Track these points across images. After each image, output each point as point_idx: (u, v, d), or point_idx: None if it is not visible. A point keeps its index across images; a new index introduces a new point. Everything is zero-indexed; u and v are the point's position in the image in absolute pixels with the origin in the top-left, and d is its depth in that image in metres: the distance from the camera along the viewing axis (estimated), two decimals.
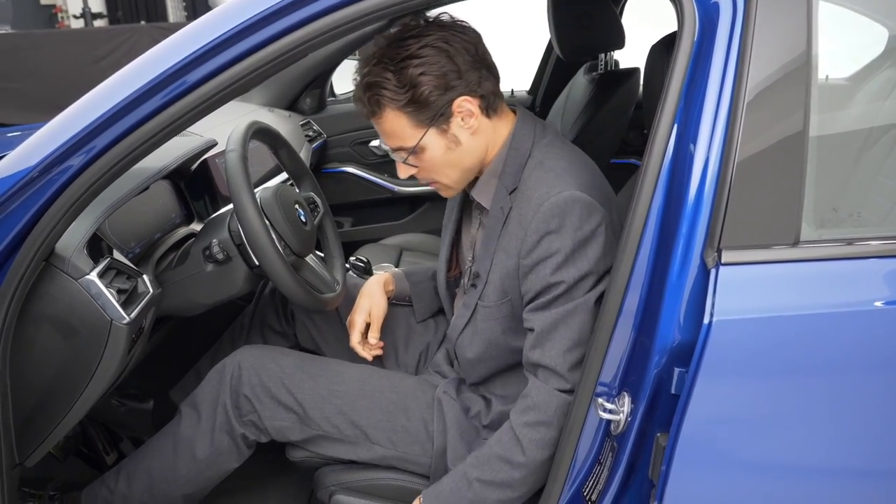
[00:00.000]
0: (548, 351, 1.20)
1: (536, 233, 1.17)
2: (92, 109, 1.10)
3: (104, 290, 1.19)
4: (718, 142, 0.98)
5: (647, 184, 1.03)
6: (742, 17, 0.98)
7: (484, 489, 1.22)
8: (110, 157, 1.10)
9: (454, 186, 1.30)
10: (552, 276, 1.18)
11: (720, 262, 0.95)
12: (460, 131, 1.21)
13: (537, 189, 1.19)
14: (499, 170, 1.27)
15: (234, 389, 1.36)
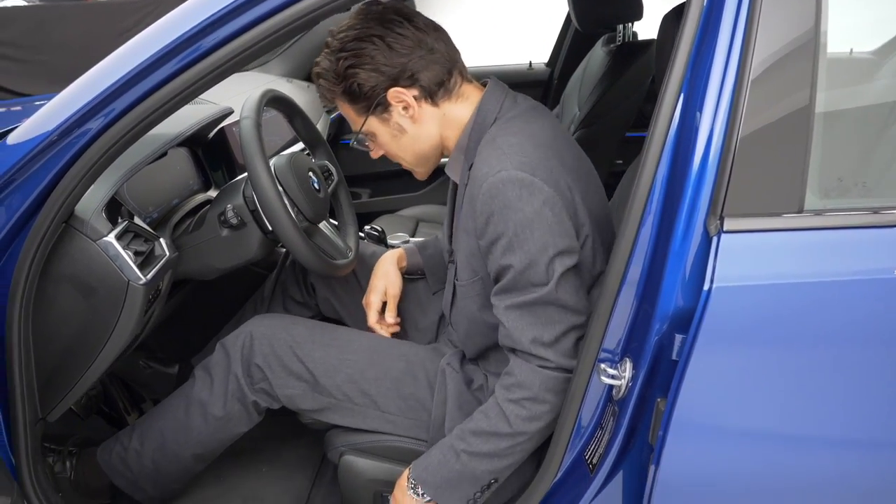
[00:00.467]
0: (517, 339, 1.18)
1: (483, 214, 1.16)
2: (110, 74, 1.12)
3: (121, 252, 1.22)
4: (724, 110, 0.98)
5: (652, 152, 1.04)
6: None
7: (471, 460, 1.22)
8: (128, 121, 1.13)
9: (418, 168, 1.33)
10: (502, 259, 1.16)
11: (722, 230, 0.96)
12: (402, 119, 1.24)
13: (482, 168, 1.17)
14: (463, 147, 1.27)
15: (247, 358, 1.40)
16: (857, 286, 0.96)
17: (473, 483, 1.24)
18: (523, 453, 1.23)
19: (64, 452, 1.55)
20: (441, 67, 1.23)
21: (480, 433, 1.22)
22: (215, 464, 1.60)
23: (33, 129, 1.15)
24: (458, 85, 1.26)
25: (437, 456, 1.26)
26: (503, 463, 1.22)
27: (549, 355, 1.16)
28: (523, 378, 1.18)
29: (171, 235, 1.46)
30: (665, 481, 1.00)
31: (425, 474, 1.26)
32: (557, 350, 1.16)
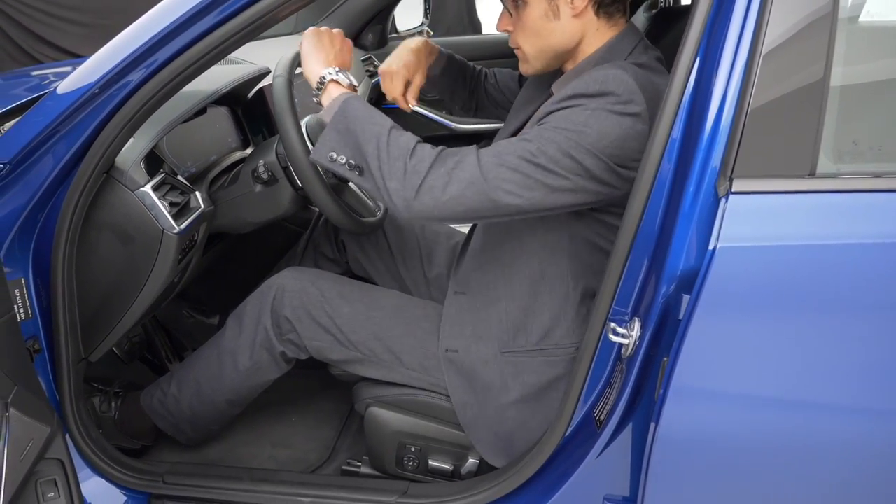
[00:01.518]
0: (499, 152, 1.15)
1: (572, 90, 1.17)
2: (150, 27, 1.18)
3: (157, 202, 1.29)
4: (738, 75, 0.98)
5: (667, 113, 1.04)
6: None
7: (359, 139, 1.18)
8: (166, 74, 1.18)
9: (532, 61, 1.31)
10: (556, 105, 1.17)
11: (731, 191, 0.96)
12: (565, 6, 1.23)
13: (597, 71, 1.19)
14: (583, 72, 1.26)
15: (276, 310, 1.45)
16: (867, 250, 0.95)
17: (346, 146, 1.21)
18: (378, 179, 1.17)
19: (110, 393, 1.65)
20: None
21: (395, 158, 1.16)
22: (249, 412, 1.68)
23: (78, 80, 1.21)
24: (618, 13, 1.27)
25: (362, 115, 1.21)
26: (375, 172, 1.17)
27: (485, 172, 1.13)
28: (464, 161, 1.15)
29: (207, 189, 1.53)
30: (664, 437, 1.02)
31: (355, 101, 1.23)
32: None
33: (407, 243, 1.71)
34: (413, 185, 1.15)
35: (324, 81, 1.28)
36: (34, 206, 1.23)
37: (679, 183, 1.03)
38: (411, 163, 1.16)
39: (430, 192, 1.15)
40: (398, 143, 1.17)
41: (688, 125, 1.03)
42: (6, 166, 1.19)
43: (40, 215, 1.26)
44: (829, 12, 0.95)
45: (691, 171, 1.00)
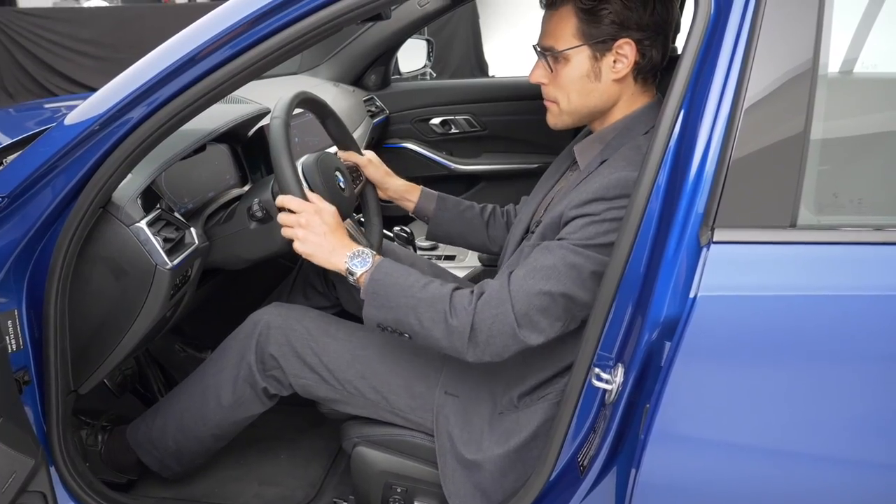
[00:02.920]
0: (524, 275, 1.21)
1: (594, 193, 1.20)
2: (153, 66, 1.21)
3: (151, 238, 1.31)
4: (721, 126, 1.00)
5: (652, 161, 1.07)
6: (753, 5, 1.00)
7: (409, 314, 1.24)
8: (166, 112, 1.21)
9: (566, 115, 1.33)
10: (578, 232, 1.20)
11: (713, 240, 0.97)
12: (607, 70, 1.26)
13: (619, 162, 1.24)
14: (607, 139, 1.32)
15: (261, 346, 1.45)
16: (847, 302, 0.96)
17: (395, 319, 1.26)
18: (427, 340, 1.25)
19: (97, 427, 1.65)
20: (662, 56, 1.29)
21: (441, 312, 1.22)
22: (237, 447, 1.67)
23: (80, 116, 1.24)
24: (651, 79, 1.32)
25: (399, 281, 1.26)
26: (432, 343, 1.25)
27: (513, 300, 1.20)
28: (500, 313, 1.20)
29: (203, 225, 1.55)
30: (645, 483, 1.02)
31: (375, 299, 1.27)
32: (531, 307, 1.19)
33: None
34: (460, 345, 1.23)
35: (348, 273, 1.31)
36: (31, 239, 1.25)
37: (663, 230, 1.04)
38: (452, 323, 1.22)
39: (477, 347, 1.22)
40: (433, 309, 1.23)
41: (672, 173, 1.05)
42: (4, 199, 1.21)
43: (36, 247, 1.27)
44: (810, 68, 0.97)
45: (675, 219, 1.02)
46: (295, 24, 1.16)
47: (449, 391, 1.41)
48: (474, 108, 2.76)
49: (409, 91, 2.86)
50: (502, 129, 2.77)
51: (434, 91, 2.85)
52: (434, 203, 1.69)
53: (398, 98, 2.80)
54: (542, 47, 1.32)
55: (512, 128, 2.75)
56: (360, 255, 1.30)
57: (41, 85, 6.25)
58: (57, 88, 6.21)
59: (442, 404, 1.40)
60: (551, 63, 1.31)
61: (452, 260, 2.03)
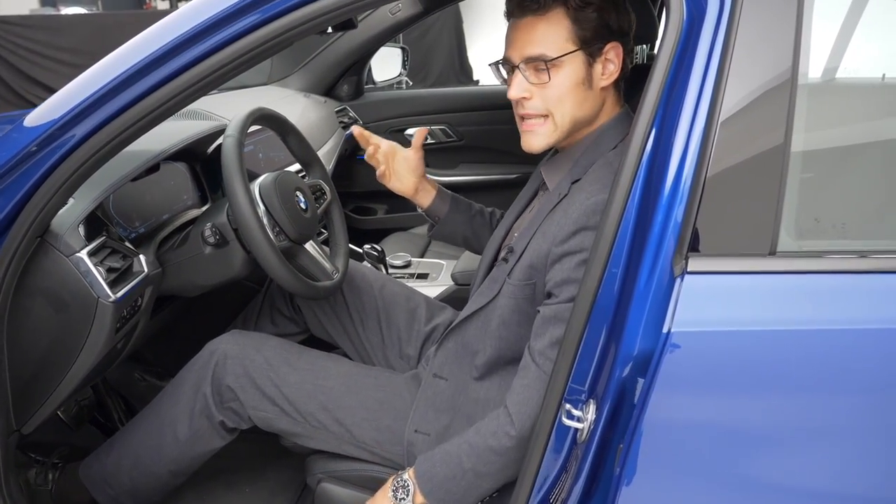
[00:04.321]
0: (539, 340, 1.17)
1: (575, 224, 1.15)
2: (96, 80, 1.12)
3: (92, 269, 1.22)
4: (695, 145, 0.93)
5: (622, 183, 0.99)
6: (728, 12, 0.93)
7: (477, 479, 1.20)
8: (108, 132, 1.12)
9: (559, 129, 1.23)
10: (574, 272, 1.15)
11: (686, 270, 0.90)
12: (597, 76, 1.21)
13: (593, 185, 1.18)
14: (575, 156, 1.26)
15: (217, 378, 1.38)
16: (830, 336, 0.89)
17: (474, 497, 1.22)
18: None
19: (47, 464, 1.56)
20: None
21: (487, 452, 1.18)
22: (199, 480, 1.58)
23: (17, 137, 1.15)
24: (621, 91, 1.27)
25: (444, 471, 1.21)
26: (511, 472, 1.19)
27: None
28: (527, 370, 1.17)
29: (155, 251, 1.46)
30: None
31: (430, 485, 1.21)
32: None
33: (365, 304, 1.64)
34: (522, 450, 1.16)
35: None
36: None
37: (635, 258, 0.97)
38: (507, 447, 1.18)
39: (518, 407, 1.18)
40: (488, 461, 1.19)
41: (644, 196, 0.98)
42: None
43: None
44: (789, 78, 0.90)
45: (647, 246, 0.94)
46: (253, 32, 1.07)
47: (420, 430, 1.33)
48: (450, 118, 2.69)
49: (383, 101, 2.78)
50: (480, 139, 2.70)
51: (409, 101, 2.78)
52: (447, 205, 1.60)
53: (372, 108, 2.72)
54: (528, 58, 1.21)
55: (490, 138, 2.68)
56: (398, 486, 1.24)
57: (18, 94, 6.13)
58: (35, 98, 6.08)
59: (412, 442, 1.33)
60: (531, 73, 1.21)
61: (425, 279, 1.95)
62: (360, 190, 2.80)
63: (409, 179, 1.56)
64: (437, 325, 1.62)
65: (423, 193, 1.60)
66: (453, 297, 1.85)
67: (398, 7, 2.33)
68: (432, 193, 1.60)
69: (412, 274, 1.98)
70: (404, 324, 1.62)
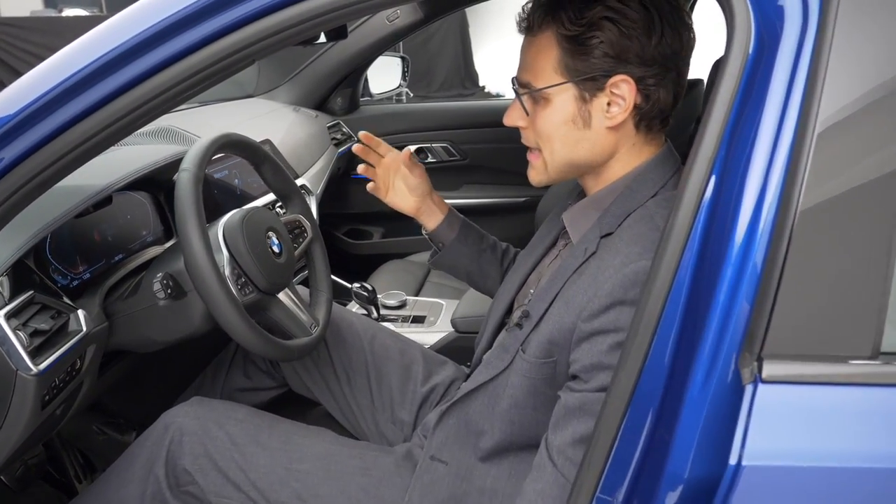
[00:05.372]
0: (560, 434, 0.96)
1: (608, 297, 0.93)
2: (21, 95, 0.89)
3: (9, 335, 1.00)
4: (772, 202, 0.71)
5: (670, 250, 0.76)
6: (816, 28, 0.70)
7: None
8: (37, 162, 0.88)
9: (549, 168, 1.05)
10: (606, 356, 0.93)
11: (760, 377, 0.68)
12: (598, 115, 0.99)
13: (631, 246, 0.95)
14: (604, 204, 1.04)
15: (172, 458, 1.17)
16: None
17: None
18: None
19: None
20: (673, 98, 1.00)
21: None
22: None
23: None
24: (658, 126, 1.03)
25: None
26: None
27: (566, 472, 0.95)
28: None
29: (102, 301, 1.24)
30: None
31: None
32: None
33: (353, 359, 1.42)
34: None
35: None
36: None
37: (686, 350, 0.74)
38: None
39: None
40: None
41: (700, 269, 0.75)
42: None
43: None
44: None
45: (703, 337, 0.72)
46: (223, 38, 0.85)
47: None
48: (453, 135, 2.46)
49: (380, 115, 2.56)
50: (485, 158, 2.47)
51: (409, 115, 2.55)
52: (455, 233, 1.38)
53: (367, 123, 2.49)
54: (520, 82, 1.03)
55: (496, 157, 2.45)
56: None
57: None
58: None
59: None
60: (527, 103, 1.02)
61: (421, 323, 1.72)
62: (355, 211, 2.57)
63: (409, 198, 1.36)
64: (436, 385, 1.40)
65: (427, 215, 1.38)
66: (453, 348, 1.63)
67: (396, 14, 2.11)
68: (439, 217, 1.38)
69: (406, 317, 1.75)
70: (397, 383, 1.40)
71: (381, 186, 1.37)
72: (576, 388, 0.95)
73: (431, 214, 1.38)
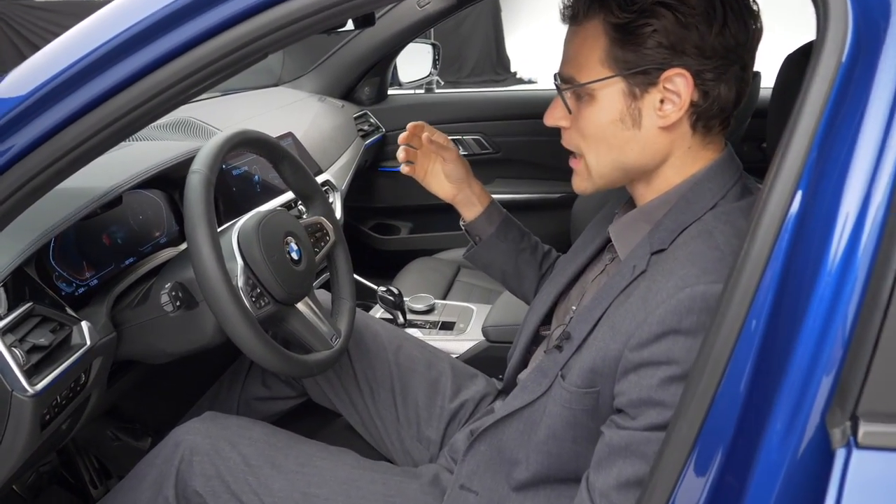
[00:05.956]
0: (603, 475, 0.86)
1: (660, 324, 0.82)
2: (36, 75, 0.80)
3: (4, 353, 0.92)
4: (874, 223, 0.59)
5: (746, 275, 0.66)
6: None
7: None
8: (39, 158, 0.80)
9: (594, 174, 0.94)
10: (657, 391, 0.82)
11: (855, 441, 0.57)
12: (649, 113, 0.87)
13: (687, 266, 0.83)
14: (656, 217, 0.93)
15: (182, 479, 1.09)
16: None
17: None
18: None
19: None
20: (736, 95, 0.88)
21: None
22: None
23: None
24: (718, 128, 0.91)
25: None
26: None
27: None
28: None
29: (110, 309, 1.16)
30: None
31: None
32: None
33: (377, 372, 1.33)
34: None
35: None
36: None
37: (759, 405, 0.63)
38: None
39: None
40: None
41: (778, 301, 0.64)
42: None
43: None
44: None
45: (780, 390, 0.61)
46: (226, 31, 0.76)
47: None
48: (486, 127, 2.34)
49: (410, 106, 2.45)
50: (519, 151, 2.35)
51: (439, 105, 2.43)
52: (494, 227, 1.28)
53: (396, 114, 2.38)
54: (563, 77, 0.92)
55: (530, 150, 2.33)
56: None
57: None
58: None
59: None
60: (570, 100, 0.92)
61: (450, 330, 1.62)
62: (382, 205, 2.48)
63: (445, 184, 1.27)
64: (465, 401, 1.30)
65: (465, 205, 1.29)
66: (484, 358, 1.53)
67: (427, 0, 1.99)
68: (478, 208, 1.28)
69: (435, 323, 1.65)
70: (424, 399, 1.30)
71: (420, 169, 1.27)
72: (622, 424, 0.85)
73: (469, 205, 1.28)
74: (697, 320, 0.79)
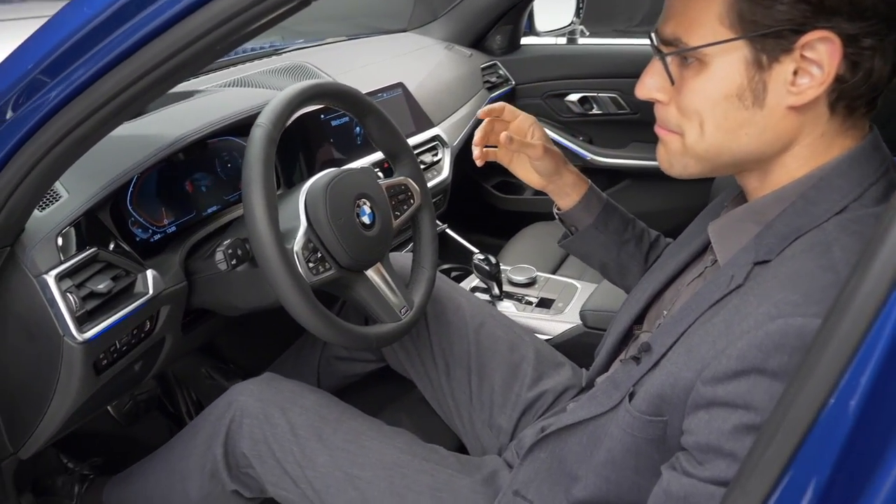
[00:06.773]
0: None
1: (740, 359, 0.66)
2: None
3: (58, 297, 0.92)
4: None
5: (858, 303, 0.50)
6: None
7: None
8: (96, 96, 0.75)
9: (689, 153, 0.76)
10: (727, 439, 0.67)
11: None
12: (778, 88, 0.69)
13: (786, 289, 0.66)
14: (767, 217, 0.75)
15: (232, 439, 1.08)
16: None
17: None
18: None
19: (76, 475, 1.36)
20: (893, 68, 0.69)
21: None
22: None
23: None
24: (862, 108, 0.72)
25: None
26: None
27: None
28: None
29: (184, 258, 1.15)
30: None
31: None
32: None
33: (455, 348, 1.24)
34: None
35: None
36: None
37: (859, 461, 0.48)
38: None
39: None
40: None
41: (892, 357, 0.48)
42: None
43: None
44: None
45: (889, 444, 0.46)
46: None
47: None
48: (623, 84, 2.12)
49: (544, 57, 2.26)
50: None
51: (574, 58, 2.23)
52: (593, 218, 1.14)
53: (528, 66, 2.22)
54: (664, 39, 0.75)
55: None
56: None
57: None
58: None
59: None
60: (673, 67, 0.75)
61: (548, 308, 1.48)
62: None
63: (533, 174, 1.13)
64: (545, 391, 1.19)
65: (558, 195, 1.15)
66: (578, 344, 1.39)
67: None
68: (573, 198, 1.13)
69: (533, 299, 1.52)
70: (501, 383, 1.20)
71: (503, 155, 1.14)
72: (686, 469, 0.70)
73: (562, 195, 1.14)
74: (789, 361, 0.62)
